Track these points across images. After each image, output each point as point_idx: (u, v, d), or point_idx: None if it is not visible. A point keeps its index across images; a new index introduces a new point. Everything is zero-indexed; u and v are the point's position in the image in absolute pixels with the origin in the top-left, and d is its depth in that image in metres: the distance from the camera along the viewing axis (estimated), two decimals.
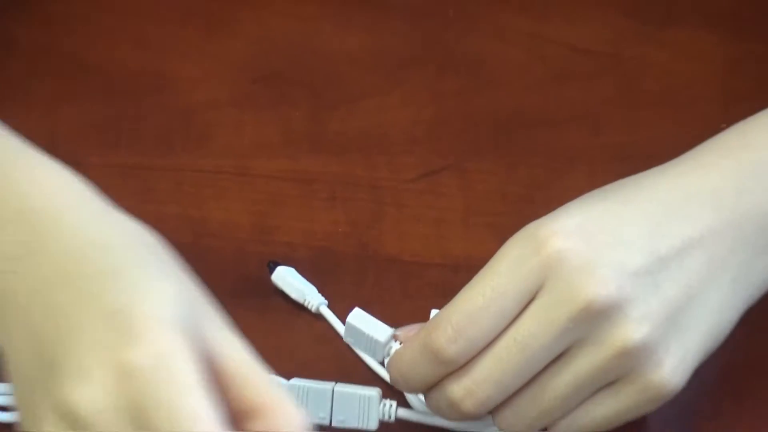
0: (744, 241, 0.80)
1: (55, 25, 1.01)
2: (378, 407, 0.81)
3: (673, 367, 0.77)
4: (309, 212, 0.93)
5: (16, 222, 0.74)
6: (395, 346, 0.79)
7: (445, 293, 0.79)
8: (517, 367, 0.76)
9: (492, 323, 0.76)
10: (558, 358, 0.76)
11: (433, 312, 0.81)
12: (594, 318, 0.75)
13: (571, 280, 0.74)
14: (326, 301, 0.88)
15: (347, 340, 0.81)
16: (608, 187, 0.81)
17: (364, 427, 0.81)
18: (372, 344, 0.80)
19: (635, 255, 0.76)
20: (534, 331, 0.75)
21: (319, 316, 0.88)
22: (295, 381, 0.82)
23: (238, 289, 0.89)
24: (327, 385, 0.81)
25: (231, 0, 1.02)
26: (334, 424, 0.81)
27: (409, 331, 0.79)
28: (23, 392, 0.74)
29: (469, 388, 0.77)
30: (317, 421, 0.81)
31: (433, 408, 0.79)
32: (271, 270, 0.89)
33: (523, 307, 0.76)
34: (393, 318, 0.83)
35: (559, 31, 1.01)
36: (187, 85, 0.98)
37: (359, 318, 0.80)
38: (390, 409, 0.81)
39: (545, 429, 0.80)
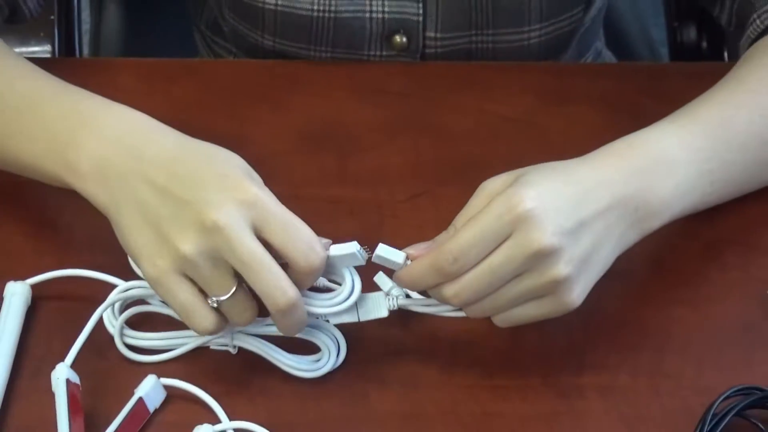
0: (624, 216, 0.81)
1: (183, 105, 1.01)
2: (385, 301, 0.81)
3: (579, 293, 0.79)
4: (336, 222, 0.92)
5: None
6: (408, 263, 0.79)
7: None
8: (488, 283, 0.78)
9: (478, 255, 0.77)
10: (512, 279, 0.78)
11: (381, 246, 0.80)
12: (540, 258, 0.76)
13: (530, 233, 0.76)
14: None
15: (375, 260, 0.79)
16: (555, 167, 0.81)
17: (380, 316, 0.81)
18: (393, 265, 0.79)
19: (568, 219, 0.77)
20: (502, 262, 0.77)
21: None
22: None
23: None
24: None
25: (287, 88, 1.02)
26: (361, 320, 0.81)
27: (416, 249, 0.79)
28: (149, 239, 0.78)
29: (457, 291, 0.78)
30: (349, 320, 0.81)
31: (432, 295, 0.80)
32: None
33: (498, 245, 0.77)
34: None
35: (495, 107, 1.01)
36: (258, 141, 0.97)
37: (383, 249, 0.79)
38: (393, 300, 0.81)
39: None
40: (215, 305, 0.78)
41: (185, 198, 0.77)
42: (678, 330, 0.86)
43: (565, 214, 0.78)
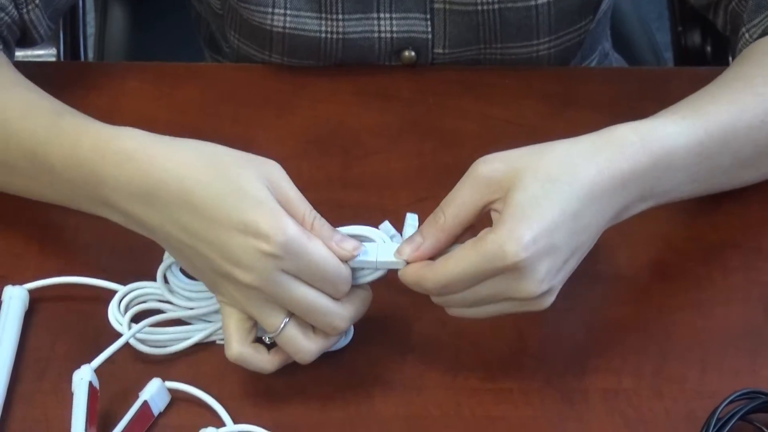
0: (613, 218, 0.80)
1: (188, 108, 1.01)
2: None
3: (552, 298, 0.78)
4: (341, 225, 0.87)
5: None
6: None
7: None
8: (470, 303, 0.79)
9: (464, 286, 0.77)
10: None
11: (409, 215, 0.82)
12: (527, 299, 0.77)
13: (520, 282, 0.76)
14: None
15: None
16: (554, 175, 0.77)
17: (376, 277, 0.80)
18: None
19: (561, 256, 0.77)
20: (488, 295, 0.77)
21: None
22: None
23: None
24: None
25: (293, 92, 1.02)
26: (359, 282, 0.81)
27: (410, 249, 0.79)
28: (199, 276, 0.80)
29: (439, 301, 0.79)
30: None
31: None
32: None
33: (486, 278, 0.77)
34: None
35: (499, 112, 1.01)
36: (265, 145, 0.96)
37: (382, 255, 0.80)
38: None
39: None
40: (268, 341, 0.80)
41: (212, 257, 0.77)
42: (681, 333, 0.86)
43: (558, 252, 0.77)
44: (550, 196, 0.77)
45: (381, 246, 0.80)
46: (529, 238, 0.75)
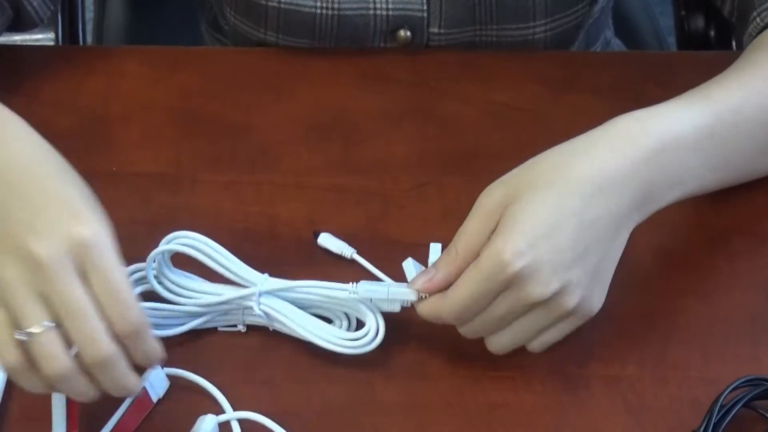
0: (630, 210, 0.79)
1: (187, 92, 1.01)
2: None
3: (597, 301, 0.79)
4: (342, 211, 0.91)
5: None
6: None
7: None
8: (496, 324, 0.78)
9: (479, 309, 0.77)
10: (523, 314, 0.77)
11: (432, 245, 0.81)
12: (544, 303, 0.76)
13: (526, 288, 0.75)
14: (356, 250, 0.86)
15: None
16: (554, 179, 0.77)
17: (392, 309, 0.81)
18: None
19: (567, 254, 0.76)
20: (506, 311, 0.77)
21: (352, 261, 0.87)
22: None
23: (298, 254, 0.88)
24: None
25: (293, 76, 1.02)
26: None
27: (423, 281, 0.79)
28: None
29: (465, 332, 0.79)
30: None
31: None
32: (316, 236, 0.87)
33: (497, 294, 0.76)
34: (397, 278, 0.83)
35: (499, 96, 1.00)
36: (265, 130, 0.97)
37: (393, 292, 0.80)
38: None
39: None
40: (23, 338, 0.70)
41: (12, 216, 0.70)
42: (685, 320, 0.86)
43: (564, 251, 0.76)
44: (544, 201, 0.77)
45: (394, 284, 0.81)
46: (524, 246, 0.75)
